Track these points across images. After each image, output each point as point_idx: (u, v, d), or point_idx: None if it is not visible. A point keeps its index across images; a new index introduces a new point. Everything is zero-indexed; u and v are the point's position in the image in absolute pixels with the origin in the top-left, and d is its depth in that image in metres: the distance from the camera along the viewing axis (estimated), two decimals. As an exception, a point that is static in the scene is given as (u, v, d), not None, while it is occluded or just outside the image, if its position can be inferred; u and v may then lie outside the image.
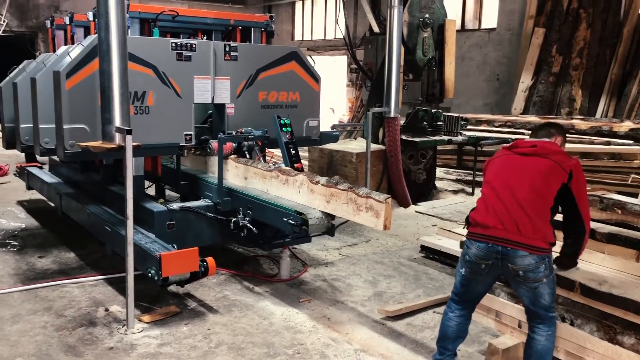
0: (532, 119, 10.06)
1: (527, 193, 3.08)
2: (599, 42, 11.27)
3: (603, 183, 8.10)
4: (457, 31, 10.51)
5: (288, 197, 4.50)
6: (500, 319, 3.88)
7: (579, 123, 9.42)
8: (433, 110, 8.40)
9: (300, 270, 5.37)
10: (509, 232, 3.05)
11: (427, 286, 5.09)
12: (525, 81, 11.91)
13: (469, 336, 3.54)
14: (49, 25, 6.96)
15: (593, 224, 3.96)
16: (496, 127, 10.09)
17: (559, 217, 3.38)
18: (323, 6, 18.45)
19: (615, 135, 9.10)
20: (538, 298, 3.11)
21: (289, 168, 4.81)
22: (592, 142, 8.76)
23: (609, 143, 8.86)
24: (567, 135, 8.96)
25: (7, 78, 6.02)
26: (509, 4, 13.00)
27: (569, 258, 3.42)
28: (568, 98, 11.40)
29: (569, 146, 8.58)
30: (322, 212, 4.14)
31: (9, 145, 5.93)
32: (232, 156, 5.20)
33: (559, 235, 3.34)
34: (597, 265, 3.66)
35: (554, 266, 3.24)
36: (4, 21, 15.73)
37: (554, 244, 3.13)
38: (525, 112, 11.74)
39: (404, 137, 7.96)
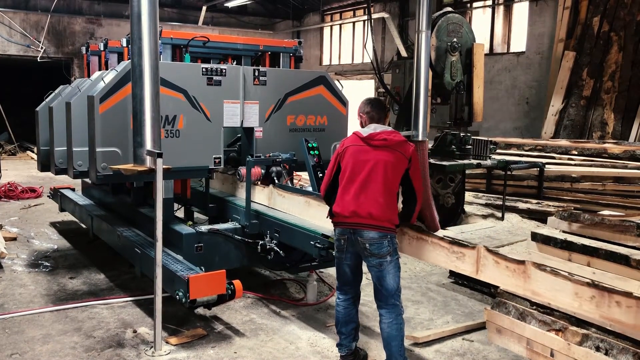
0: (563, 142, 9.90)
1: (380, 183, 3.63)
2: (631, 66, 11.11)
3: (638, 208, 7.89)
4: (486, 55, 10.47)
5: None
6: (531, 347, 3.78)
7: (612, 147, 9.23)
8: (461, 134, 8.32)
9: (327, 294, 5.33)
10: (362, 217, 3.63)
11: (456, 312, 5.01)
12: (556, 105, 11.76)
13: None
14: (84, 52, 7.14)
15: (628, 251, 3.86)
16: (526, 151, 9.93)
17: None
18: (351, 31, 18.60)
19: (649, 159, 8.88)
20: (385, 276, 3.66)
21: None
22: (625, 167, 8.57)
23: (643, 167, 8.64)
24: (599, 159, 8.91)
25: (43, 103, 6.17)
26: (538, 27, 12.93)
27: (406, 218, 3.95)
28: (600, 122, 11.21)
29: (601, 170, 8.42)
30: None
31: (43, 167, 6.05)
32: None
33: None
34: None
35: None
36: (41, 48, 16.26)
37: (398, 226, 3.76)
38: (555, 135, 11.57)
39: (432, 160, 7.87)
